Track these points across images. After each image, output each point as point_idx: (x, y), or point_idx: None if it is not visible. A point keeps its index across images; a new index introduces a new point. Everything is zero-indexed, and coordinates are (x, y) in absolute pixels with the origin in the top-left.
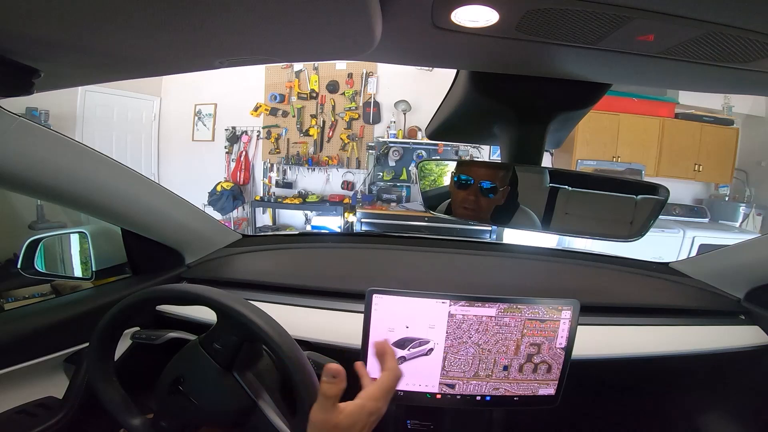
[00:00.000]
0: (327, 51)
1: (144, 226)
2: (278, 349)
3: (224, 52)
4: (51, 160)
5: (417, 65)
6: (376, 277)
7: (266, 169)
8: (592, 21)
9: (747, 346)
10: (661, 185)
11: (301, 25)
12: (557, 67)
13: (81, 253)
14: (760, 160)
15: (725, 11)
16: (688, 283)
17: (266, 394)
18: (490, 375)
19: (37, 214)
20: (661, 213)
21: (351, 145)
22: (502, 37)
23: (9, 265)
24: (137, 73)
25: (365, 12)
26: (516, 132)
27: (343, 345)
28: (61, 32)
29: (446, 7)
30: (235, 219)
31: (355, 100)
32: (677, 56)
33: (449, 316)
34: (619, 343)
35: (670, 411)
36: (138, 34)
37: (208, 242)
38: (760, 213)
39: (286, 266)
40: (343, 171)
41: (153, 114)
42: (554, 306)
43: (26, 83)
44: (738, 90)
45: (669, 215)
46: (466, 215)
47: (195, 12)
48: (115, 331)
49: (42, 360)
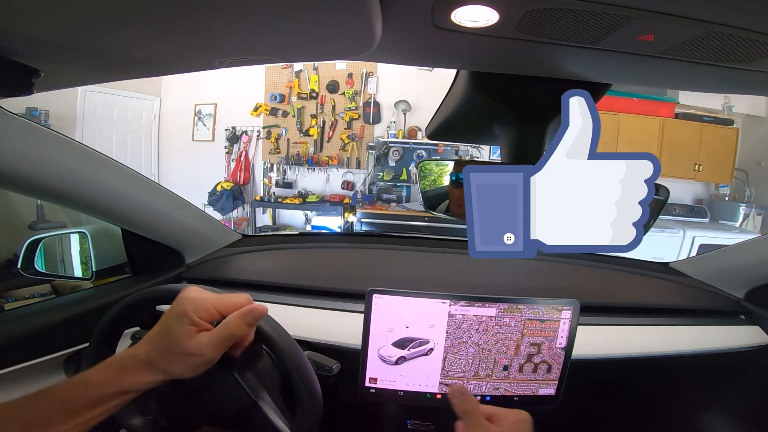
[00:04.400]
0: (327, 51)
1: (144, 226)
2: (278, 349)
3: (224, 52)
4: (51, 160)
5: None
6: (377, 277)
7: (266, 169)
8: (592, 21)
9: (747, 346)
10: (661, 185)
11: (301, 25)
12: (557, 67)
13: (81, 253)
14: (760, 160)
15: (725, 11)
16: (688, 283)
17: (266, 394)
18: (490, 375)
19: (37, 214)
20: (661, 213)
21: (351, 145)
22: (502, 37)
23: (9, 265)
24: (137, 73)
25: (365, 12)
26: (516, 132)
27: (343, 345)
28: (61, 32)
29: (446, 7)
30: (235, 219)
31: (355, 100)
32: (677, 56)
33: (449, 316)
34: (619, 342)
35: (670, 411)
36: (138, 34)
37: (208, 242)
38: (760, 213)
39: (286, 266)
40: (343, 171)
41: (153, 114)
42: (554, 306)
43: (26, 83)
44: (738, 90)
45: (669, 215)
46: (461, 213)
47: (195, 12)
48: (115, 330)
49: (42, 360)
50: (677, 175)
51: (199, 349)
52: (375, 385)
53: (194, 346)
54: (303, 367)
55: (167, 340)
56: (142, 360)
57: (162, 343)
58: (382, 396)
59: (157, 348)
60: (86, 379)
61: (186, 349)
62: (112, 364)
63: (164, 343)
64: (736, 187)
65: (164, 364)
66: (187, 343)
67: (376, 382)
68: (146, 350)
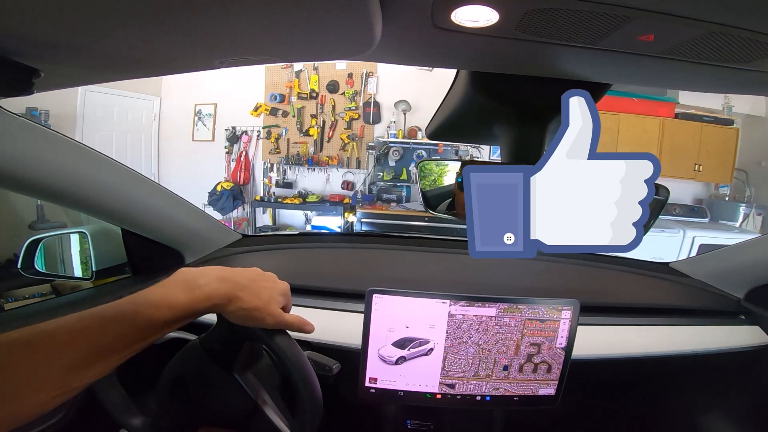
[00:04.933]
0: (327, 51)
1: (144, 226)
2: (278, 350)
3: (224, 52)
4: (51, 160)
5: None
6: (377, 277)
7: (266, 169)
8: (592, 21)
9: (747, 346)
10: (661, 185)
11: (301, 25)
12: (557, 67)
13: (81, 253)
14: (760, 160)
15: (725, 11)
16: (688, 283)
17: (266, 395)
18: (490, 375)
19: (37, 214)
20: (661, 213)
21: (351, 145)
22: (502, 37)
23: (9, 265)
24: (137, 73)
25: (365, 12)
26: (516, 132)
27: (343, 345)
28: (62, 32)
29: (446, 7)
30: (235, 219)
31: (355, 100)
32: (677, 56)
33: (449, 316)
34: (619, 343)
35: (670, 411)
36: (138, 34)
37: (208, 242)
38: (760, 213)
39: (286, 266)
40: (343, 171)
41: (153, 114)
42: (554, 306)
43: (26, 83)
44: (738, 90)
45: (669, 215)
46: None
47: (195, 12)
48: None
49: None
50: (677, 175)
51: (276, 319)
52: (375, 385)
53: (277, 316)
54: (303, 368)
55: (265, 294)
56: (227, 286)
57: (257, 291)
58: (382, 396)
59: (250, 288)
60: (169, 301)
61: (271, 313)
62: (184, 285)
63: (259, 293)
64: (736, 187)
65: (244, 302)
66: (275, 312)
67: (376, 382)
68: (235, 282)
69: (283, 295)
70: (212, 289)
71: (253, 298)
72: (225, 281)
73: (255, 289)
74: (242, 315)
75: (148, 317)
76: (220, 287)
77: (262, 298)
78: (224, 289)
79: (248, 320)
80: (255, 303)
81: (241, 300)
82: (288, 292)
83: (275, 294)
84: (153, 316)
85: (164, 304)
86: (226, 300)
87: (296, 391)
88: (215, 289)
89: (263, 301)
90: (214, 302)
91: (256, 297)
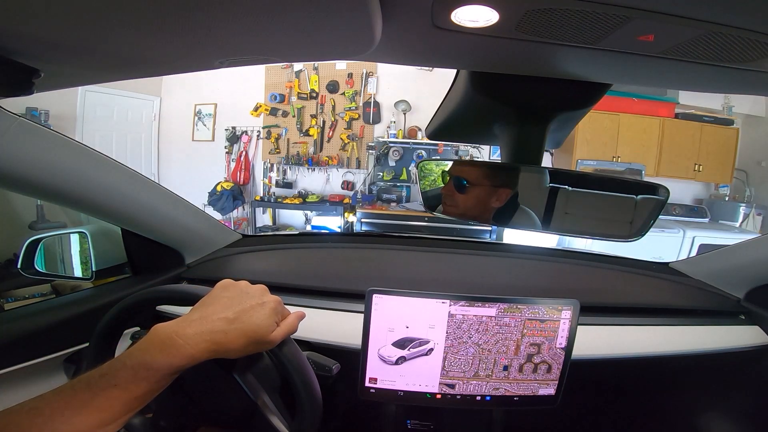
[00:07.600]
0: (327, 51)
1: (144, 226)
2: (278, 350)
3: (224, 52)
4: (51, 160)
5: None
6: (376, 277)
7: (266, 169)
8: (592, 21)
9: (747, 346)
10: (661, 185)
11: (301, 25)
12: (557, 67)
13: (81, 253)
14: (760, 160)
15: (725, 11)
16: (688, 283)
17: (266, 395)
18: (490, 375)
19: (37, 214)
20: (661, 213)
21: (351, 145)
22: (502, 37)
23: (9, 265)
24: (137, 73)
25: (365, 12)
26: (516, 132)
27: (343, 345)
28: (62, 32)
29: (446, 7)
30: (235, 219)
31: (355, 100)
32: (677, 56)
33: (449, 316)
34: (619, 343)
35: (670, 411)
36: (138, 34)
37: (208, 242)
38: (760, 213)
39: (286, 266)
40: (343, 171)
41: (153, 114)
42: (554, 306)
43: (26, 83)
44: (738, 90)
45: (669, 215)
46: (449, 211)
47: (195, 12)
48: (115, 331)
49: (42, 360)
50: (677, 175)
51: (275, 340)
52: (375, 385)
53: (273, 337)
54: (303, 368)
55: (251, 327)
56: (206, 339)
57: (241, 328)
58: (382, 396)
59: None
60: (147, 363)
61: (268, 339)
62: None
63: (244, 328)
64: (736, 187)
65: (232, 344)
66: (270, 335)
67: (376, 382)
68: (212, 332)
69: (275, 312)
70: (194, 349)
71: (241, 339)
72: (204, 335)
73: (240, 328)
74: (238, 353)
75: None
76: (200, 344)
77: (249, 334)
78: (205, 346)
79: (247, 353)
80: (243, 342)
81: (229, 344)
82: (279, 306)
83: (264, 320)
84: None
85: (143, 368)
86: (212, 353)
87: (296, 393)
88: (195, 346)
89: (253, 337)
90: (199, 359)
91: (243, 336)
